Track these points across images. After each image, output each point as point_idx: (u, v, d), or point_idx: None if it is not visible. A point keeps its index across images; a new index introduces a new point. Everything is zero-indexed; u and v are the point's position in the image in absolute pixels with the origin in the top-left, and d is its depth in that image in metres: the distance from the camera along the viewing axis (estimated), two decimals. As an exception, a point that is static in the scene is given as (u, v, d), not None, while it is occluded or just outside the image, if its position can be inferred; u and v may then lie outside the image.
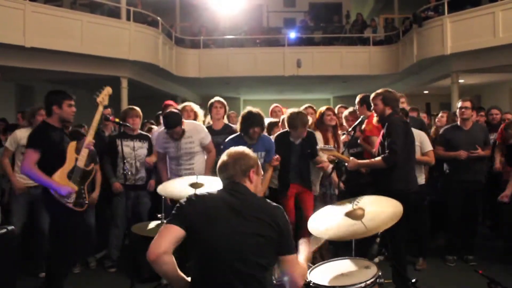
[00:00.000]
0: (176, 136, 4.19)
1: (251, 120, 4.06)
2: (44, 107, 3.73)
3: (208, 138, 4.36)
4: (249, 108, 4.20)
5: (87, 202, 3.69)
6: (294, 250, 2.07)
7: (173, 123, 4.09)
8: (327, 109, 4.96)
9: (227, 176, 2.12)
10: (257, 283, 1.96)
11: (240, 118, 4.23)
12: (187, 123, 4.29)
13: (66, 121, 3.73)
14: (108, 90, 4.02)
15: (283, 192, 4.44)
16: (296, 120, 4.26)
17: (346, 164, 3.97)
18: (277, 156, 4.25)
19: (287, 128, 4.43)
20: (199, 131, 4.33)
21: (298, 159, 4.46)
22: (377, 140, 4.13)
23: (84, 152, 3.70)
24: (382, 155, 3.83)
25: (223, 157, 2.16)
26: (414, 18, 11.21)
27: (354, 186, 4.49)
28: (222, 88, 14.86)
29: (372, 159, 4.01)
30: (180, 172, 4.24)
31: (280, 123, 5.02)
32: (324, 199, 4.77)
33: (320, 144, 4.59)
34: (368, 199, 2.83)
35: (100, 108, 3.89)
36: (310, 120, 4.51)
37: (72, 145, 3.67)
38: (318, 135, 4.79)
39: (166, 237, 1.95)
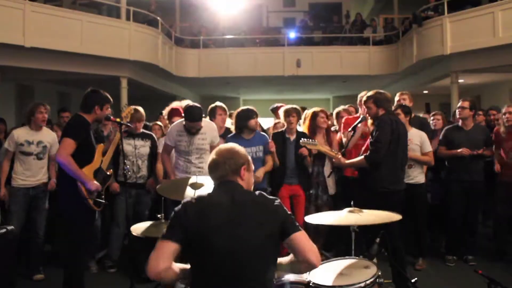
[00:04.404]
0: (193, 131, 4.25)
1: (247, 114, 4.45)
2: (83, 102, 3.71)
3: (218, 138, 4.45)
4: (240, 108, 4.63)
5: (105, 202, 3.74)
6: (299, 228, 2.01)
7: (198, 116, 4.20)
8: (321, 111, 4.87)
9: (218, 176, 2.11)
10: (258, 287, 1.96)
11: (235, 118, 4.56)
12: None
13: (99, 122, 3.89)
14: (130, 109, 4.47)
15: (274, 194, 4.43)
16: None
17: (333, 159, 4.15)
18: (271, 142, 4.47)
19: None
20: (212, 129, 4.43)
21: (294, 156, 4.55)
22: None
23: (109, 157, 3.86)
24: (365, 154, 3.83)
25: (213, 155, 2.13)
26: (414, 18, 11.21)
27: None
28: (222, 88, 14.85)
29: (356, 158, 4.02)
30: (189, 169, 4.28)
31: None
32: (315, 202, 4.73)
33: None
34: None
35: (123, 126, 4.04)
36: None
37: (100, 146, 3.79)
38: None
39: (163, 255, 1.92)
